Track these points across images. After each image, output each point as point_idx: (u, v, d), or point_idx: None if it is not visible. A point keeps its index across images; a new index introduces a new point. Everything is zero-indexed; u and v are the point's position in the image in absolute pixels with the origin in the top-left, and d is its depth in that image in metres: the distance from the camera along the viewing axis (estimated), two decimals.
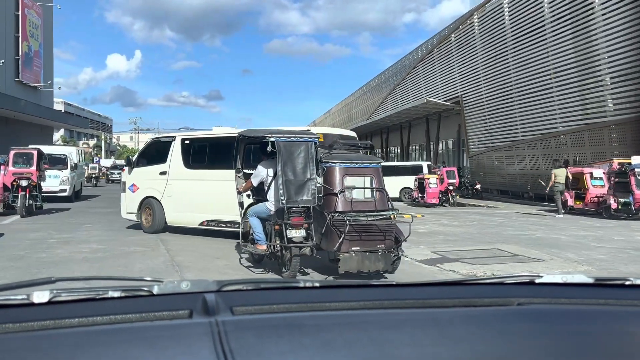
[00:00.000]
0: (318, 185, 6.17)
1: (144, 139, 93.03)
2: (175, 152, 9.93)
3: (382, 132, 40.23)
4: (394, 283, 1.23)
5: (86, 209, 16.01)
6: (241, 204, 7.01)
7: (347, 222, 5.77)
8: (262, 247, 6.25)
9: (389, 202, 6.37)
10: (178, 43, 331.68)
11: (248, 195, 7.06)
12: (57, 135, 71.89)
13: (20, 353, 0.80)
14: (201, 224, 9.45)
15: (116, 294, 1.00)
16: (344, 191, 6.13)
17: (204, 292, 1.01)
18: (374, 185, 6.34)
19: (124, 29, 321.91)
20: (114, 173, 39.25)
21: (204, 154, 9.93)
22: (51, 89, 43.57)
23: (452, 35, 26.29)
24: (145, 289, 1.03)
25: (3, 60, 32.07)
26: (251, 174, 6.75)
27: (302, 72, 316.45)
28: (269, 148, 6.15)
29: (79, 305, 0.96)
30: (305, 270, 6.36)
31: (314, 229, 6.04)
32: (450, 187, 19.70)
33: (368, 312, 1.02)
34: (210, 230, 9.61)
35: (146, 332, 0.88)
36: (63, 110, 57.20)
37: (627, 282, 1.22)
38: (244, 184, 6.84)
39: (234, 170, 7.21)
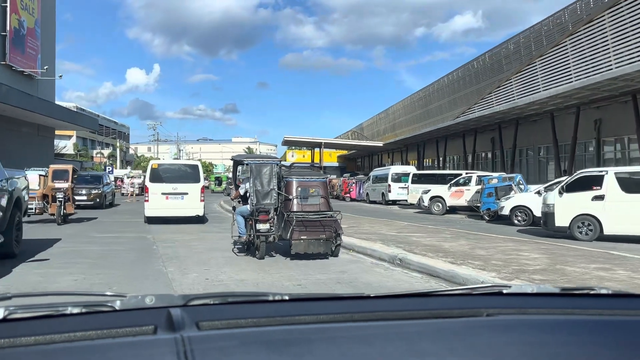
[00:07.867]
0: (279, 193, 9.07)
1: (164, 150, 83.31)
2: None
3: (494, 128, 29.71)
4: (364, 295, 1.20)
5: None
6: (234, 208, 9.82)
7: (295, 218, 8.58)
8: (243, 238, 9.07)
9: (330, 206, 9.26)
10: (195, 57, 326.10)
11: (239, 202, 9.65)
12: (68, 143, 62.55)
13: None
14: None
15: (76, 310, 0.97)
16: (297, 197, 9.00)
17: (169, 306, 0.98)
18: (319, 194, 9.17)
19: (144, 44, 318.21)
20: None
21: None
22: (52, 78, 33.60)
23: None
24: (107, 304, 1.01)
25: None
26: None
27: (317, 84, 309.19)
28: (245, 167, 9.62)
29: (36, 322, 0.93)
30: (274, 254, 8.93)
31: (278, 224, 8.86)
32: None
33: (337, 326, 1.00)
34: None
35: (108, 349, 0.86)
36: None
37: (592, 292, 1.25)
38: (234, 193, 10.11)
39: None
